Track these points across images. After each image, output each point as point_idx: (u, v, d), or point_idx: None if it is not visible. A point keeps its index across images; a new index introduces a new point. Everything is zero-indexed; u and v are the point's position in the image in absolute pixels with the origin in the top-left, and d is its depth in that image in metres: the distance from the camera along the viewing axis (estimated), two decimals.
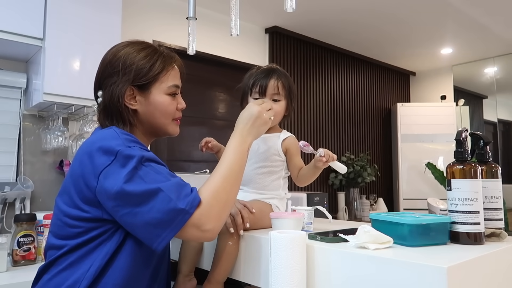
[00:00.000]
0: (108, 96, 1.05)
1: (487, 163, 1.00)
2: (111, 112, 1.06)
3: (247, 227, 1.09)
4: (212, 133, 3.36)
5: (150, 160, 0.93)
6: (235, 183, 0.99)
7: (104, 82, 1.07)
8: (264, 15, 3.44)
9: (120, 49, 1.08)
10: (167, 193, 0.87)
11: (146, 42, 1.13)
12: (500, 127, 4.60)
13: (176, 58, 1.15)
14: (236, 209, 1.10)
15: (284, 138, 1.22)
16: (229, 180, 0.97)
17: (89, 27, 2.18)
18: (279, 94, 1.21)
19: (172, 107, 1.11)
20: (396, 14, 3.42)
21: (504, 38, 3.97)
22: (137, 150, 0.93)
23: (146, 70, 1.06)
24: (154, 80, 1.07)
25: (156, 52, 1.09)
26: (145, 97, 1.07)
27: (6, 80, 2.25)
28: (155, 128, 1.12)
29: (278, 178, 1.22)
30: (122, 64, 1.05)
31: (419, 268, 0.74)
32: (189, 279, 1.15)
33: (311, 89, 3.98)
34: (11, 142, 2.28)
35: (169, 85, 1.09)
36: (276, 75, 1.22)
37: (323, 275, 0.89)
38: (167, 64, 1.10)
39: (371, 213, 1.21)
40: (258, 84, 1.21)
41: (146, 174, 0.90)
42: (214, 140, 1.35)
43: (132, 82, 1.05)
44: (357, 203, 4.06)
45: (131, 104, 1.06)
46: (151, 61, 1.07)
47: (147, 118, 1.09)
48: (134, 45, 1.09)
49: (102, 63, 1.09)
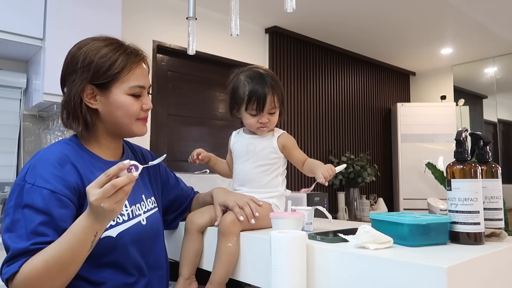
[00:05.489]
0: (67, 94, 1.02)
1: (487, 163, 1.00)
2: (69, 110, 1.03)
3: (257, 215, 1.09)
4: (212, 133, 3.36)
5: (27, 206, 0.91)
6: (62, 272, 0.87)
7: (67, 79, 1.04)
8: (264, 15, 3.44)
9: (83, 44, 1.04)
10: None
11: (113, 38, 1.07)
12: (500, 127, 4.60)
13: (142, 56, 1.07)
14: (243, 201, 1.11)
15: (278, 136, 1.24)
16: (53, 269, 0.85)
17: (89, 27, 2.18)
18: (275, 107, 1.21)
19: (134, 108, 1.04)
20: (396, 14, 3.42)
21: (504, 38, 3.97)
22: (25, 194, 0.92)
23: (105, 69, 1.00)
24: (114, 79, 1.01)
25: (120, 49, 1.03)
26: (105, 97, 1.02)
27: (6, 80, 2.25)
28: (119, 128, 1.07)
29: (276, 176, 1.22)
30: (82, 62, 1.00)
31: (419, 268, 0.74)
32: (189, 282, 1.15)
33: (311, 89, 3.98)
34: (11, 142, 2.28)
35: (131, 85, 1.03)
36: (271, 88, 1.18)
37: (323, 275, 0.89)
38: (130, 63, 1.03)
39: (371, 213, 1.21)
40: (255, 101, 1.17)
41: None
42: (204, 150, 1.34)
43: (91, 81, 1.01)
44: (357, 203, 4.06)
45: (91, 103, 1.02)
46: (112, 58, 1.01)
47: (109, 118, 1.04)
48: (99, 41, 1.04)
49: (66, 58, 1.05)
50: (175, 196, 1.31)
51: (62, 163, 0.97)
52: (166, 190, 1.27)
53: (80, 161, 1.01)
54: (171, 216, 1.29)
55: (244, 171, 1.23)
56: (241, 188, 1.24)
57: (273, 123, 1.23)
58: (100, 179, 0.84)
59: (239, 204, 1.10)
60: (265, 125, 1.21)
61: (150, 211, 1.12)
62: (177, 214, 1.31)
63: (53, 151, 1.00)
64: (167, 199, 1.28)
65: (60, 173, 0.96)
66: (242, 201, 1.11)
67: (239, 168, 1.25)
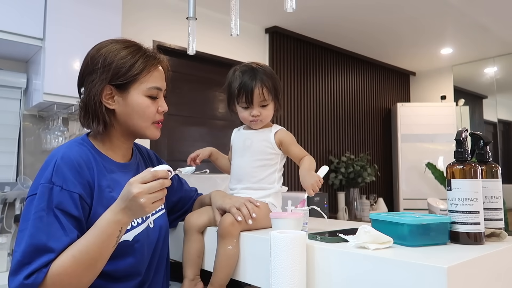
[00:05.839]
0: (87, 94, 1.03)
1: (487, 163, 1.00)
2: (88, 110, 1.03)
3: (254, 216, 1.09)
4: (212, 133, 3.36)
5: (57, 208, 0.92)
6: (90, 268, 0.89)
7: (85, 79, 1.04)
8: (264, 15, 3.44)
9: (103, 46, 1.05)
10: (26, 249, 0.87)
11: (132, 41, 1.09)
12: (500, 127, 4.60)
13: (160, 59, 1.09)
14: (240, 202, 1.11)
15: (276, 132, 1.23)
16: (81, 264, 0.87)
17: (89, 27, 2.18)
18: (266, 100, 1.21)
19: (150, 110, 1.06)
20: (396, 14, 3.42)
21: (504, 38, 3.97)
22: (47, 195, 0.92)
23: (125, 70, 1.02)
24: (133, 80, 1.03)
25: (139, 51, 1.05)
26: (123, 97, 1.04)
27: (6, 80, 2.25)
28: (133, 130, 1.08)
29: (273, 172, 1.22)
30: (102, 62, 1.01)
31: (419, 268, 0.74)
32: (195, 283, 1.15)
33: (311, 89, 3.98)
34: (11, 142, 2.28)
35: (149, 86, 1.05)
36: (260, 81, 1.19)
37: (323, 275, 0.89)
38: (149, 65, 1.05)
39: (371, 213, 1.21)
40: (243, 93, 1.19)
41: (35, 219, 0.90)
42: (200, 152, 1.34)
43: (110, 81, 1.02)
44: (357, 203, 4.06)
45: (109, 104, 1.04)
46: (132, 60, 1.03)
47: (125, 119, 1.06)
48: (118, 43, 1.06)
49: (85, 59, 1.06)
50: (179, 198, 1.31)
51: (81, 165, 0.98)
52: (169, 192, 1.27)
53: (94, 165, 1.01)
54: (172, 217, 1.30)
55: (241, 166, 1.23)
56: (237, 185, 1.24)
57: (266, 117, 1.22)
58: (146, 176, 0.88)
59: (236, 205, 1.11)
60: (256, 118, 1.20)
61: (157, 213, 1.13)
62: (179, 215, 1.32)
63: (72, 152, 1.00)
64: (171, 201, 1.28)
65: (81, 178, 0.97)
66: (239, 202, 1.11)
67: (236, 163, 1.25)
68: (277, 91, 1.24)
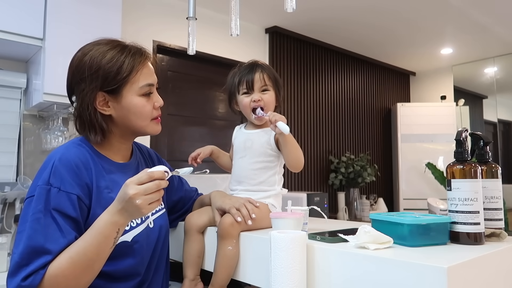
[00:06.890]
0: (79, 104, 1.01)
1: (487, 163, 1.00)
2: (84, 120, 1.02)
3: (253, 217, 1.09)
4: (212, 133, 3.36)
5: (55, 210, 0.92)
6: (87, 269, 0.89)
7: (75, 89, 1.03)
8: (264, 15, 3.44)
9: (86, 52, 1.02)
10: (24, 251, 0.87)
11: (114, 40, 1.06)
12: (500, 127, 4.60)
13: (147, 55, 1.07)
14: (240, 203, 1.11)
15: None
16: (79, 266, 0.87)
17: (89, 27, 2.18)
18: (267, 85, 1.22)
19: (147, 108, 1.05)
20: (396, 14, 3.42)
21: (504, 38, 3.97)
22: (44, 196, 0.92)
23: (114, 73, 0.99)
24: (124, 82, 1.01)
25: (124, 51, 1.02)
26: (117, 101, 1.02)
27: (6, 80, 2.25)
28: (133, 130, 1.07)
29: (274, 174, 1.22)
30: (88, 70, 0.99)
31: (419, 268, 0.74)
32: (195, 283, 1.15)
33: (311, 89, 3.98)
34: (11, 142, 2.28)
35: (141, 85, 1.03)
36: (260, 68, 1.23)
37: (323, 275, 0.89)
38: (137, 63, 1.02)
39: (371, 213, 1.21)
40: (244, 80, 1.22)
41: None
42: (201, 151, 1.33)
43: (101, 88, 1.00)
44: (357, 203, 4.06)
45: (104, 110, 1.02)
46: (118, 62, 1.00)
47: (123, 121, 1.04)
48: (101, 45, 1.03)
49: (70, 68, 1.04)
50: (179, 197, 1.31)
51: (79, 166, 0.98)
52: (169, 192, 1.28)
53: (92, 166, 1.01)
54: (172, 216, 1.29)
55: (241, 168, 1.23)
56: (237, 187, 1.23)
57: (268, 103, 1.22)
58: (142, 177, 0.87)
59: (236, 206, 1.10)
60: (258, 103, 1.20)
61: (157, 213, 1.13)
62: (179, 215, 1.32)
63: (70, 153, 0.99)
64: (171, 200, 1.28)
65: (79, 179, 0.96)
66: (239, 203, 1.11)
67: (237, 164, 1.25)
68: (277, 81, 1.26)
